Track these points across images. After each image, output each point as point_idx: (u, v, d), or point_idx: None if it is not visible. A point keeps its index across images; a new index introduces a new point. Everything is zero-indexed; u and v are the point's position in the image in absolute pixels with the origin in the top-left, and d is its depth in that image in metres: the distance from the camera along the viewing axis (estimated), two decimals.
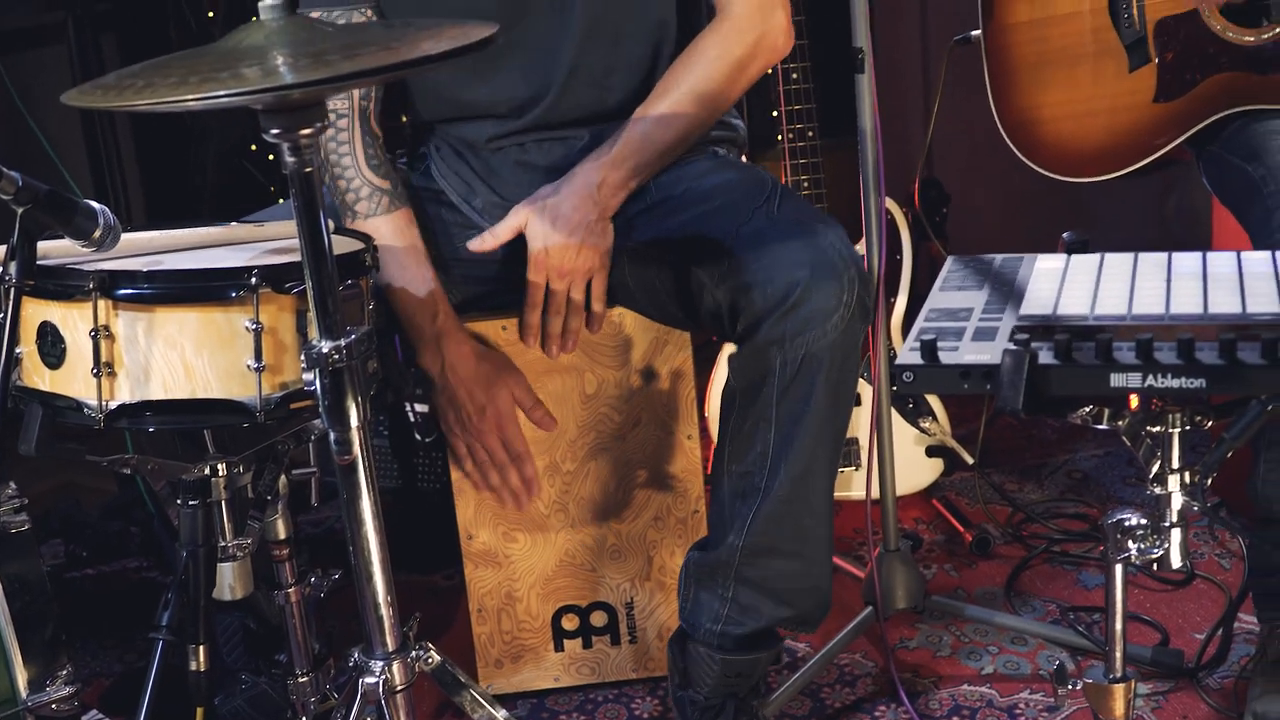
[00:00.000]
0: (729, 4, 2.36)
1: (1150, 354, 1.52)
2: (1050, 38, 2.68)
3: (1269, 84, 2.48)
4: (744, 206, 2.28)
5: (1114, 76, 2.63)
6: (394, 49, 1.51)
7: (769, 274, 2.14)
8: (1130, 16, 2.60)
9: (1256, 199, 2.38)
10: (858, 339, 2.19)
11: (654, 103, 2.34)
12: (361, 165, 2.35)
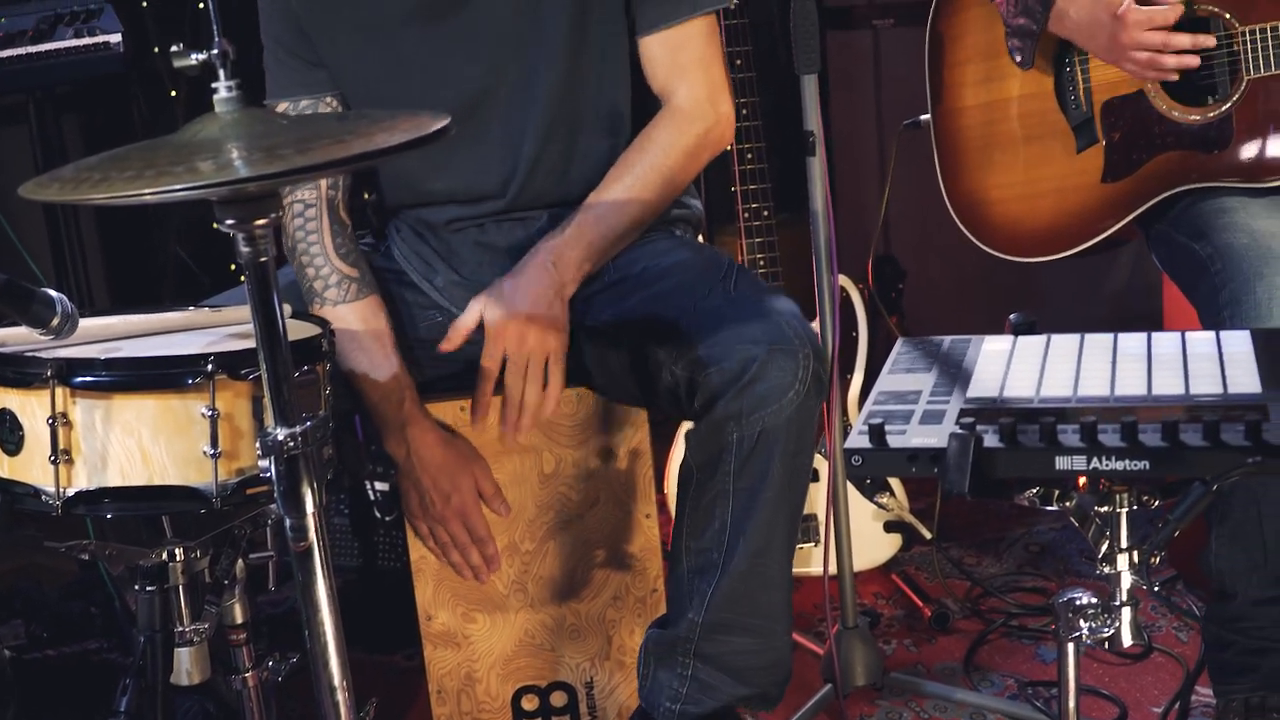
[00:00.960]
0: (677, 95, 2.42)
1: (1094, 437, 1.54)
2: (998, 120, 2.73)
3: (1215, 162, 2.52)
4: (700, 285, 2.31)
5: (1061, 158, 2.67)
6: (347, 142, 1.52)
7: (725, 351, 2.17)
8: (1076, 98, 2.65)
9: (1204, 277, 2.42)
10: (813, 415, 2.21)
11: (608, 189, 2.38)
12: (330, 253, 2.38)
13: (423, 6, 2.35)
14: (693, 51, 2.42)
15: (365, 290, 2.39)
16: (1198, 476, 1.57)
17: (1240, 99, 2.48)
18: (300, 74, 2.42)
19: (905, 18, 3.61)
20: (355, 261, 2.40)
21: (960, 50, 2.79)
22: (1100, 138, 2.64)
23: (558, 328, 2.31)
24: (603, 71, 2.41)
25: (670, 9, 2.39)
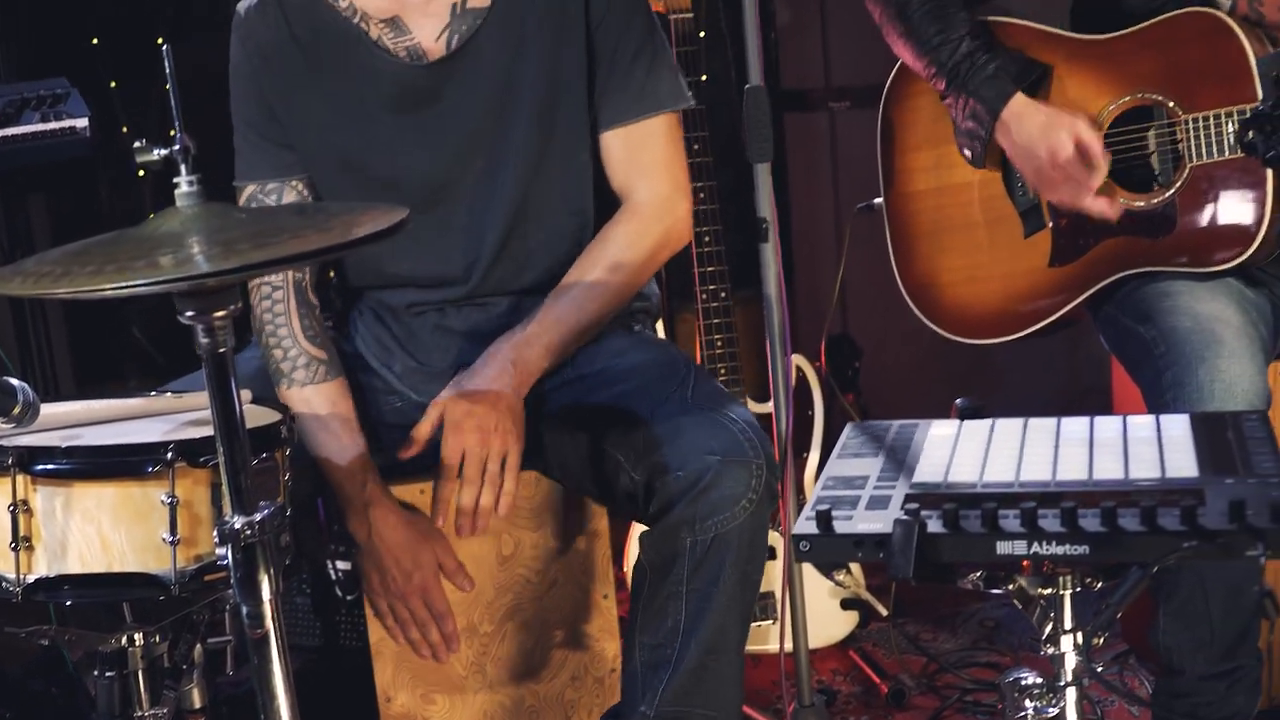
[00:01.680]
0: (638, 193, 2.46)
1: (1035, 522, 1.57)
2: (948, 206, 2.78)
3: (1159, 247, 2.57)
4: (659, 390, 2.35)
5: (1010, 242, 2.72)
6: (305, 237, 1.55)
7: (682, 459, 2.21)
8: (1024, 185, 2.70)
9: (1149, 360, 2.46)
10: (765, 523, 2.26)
11: (568, 285, 2.41)
12: (298, 336, 2.41)
13: (397, 98, 2.40)
14: (654, 149, 2.46)
15: (333, 373, 2.42)
16: (1136, 561, 1.61)
17: (1183, 186, 2.53)
18: (270, 156, 2.45)
19: (860, 100, 3.68)
20: (323, 344, 2.43)
21: (911, 136, 2.84)
22: (1047, 223, 2.69)
23: (515, 430, 2.32)
24: (566, 165, 2.45)
25: (633, 107, 2.43)
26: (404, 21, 2.39)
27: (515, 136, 2.41)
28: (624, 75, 2.42)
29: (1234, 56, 2.46)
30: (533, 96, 2.39)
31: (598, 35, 2.40)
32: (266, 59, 2.42)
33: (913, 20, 2.69)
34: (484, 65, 2.39)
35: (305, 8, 2.41)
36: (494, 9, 2.38)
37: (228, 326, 1.66)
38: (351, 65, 2.40)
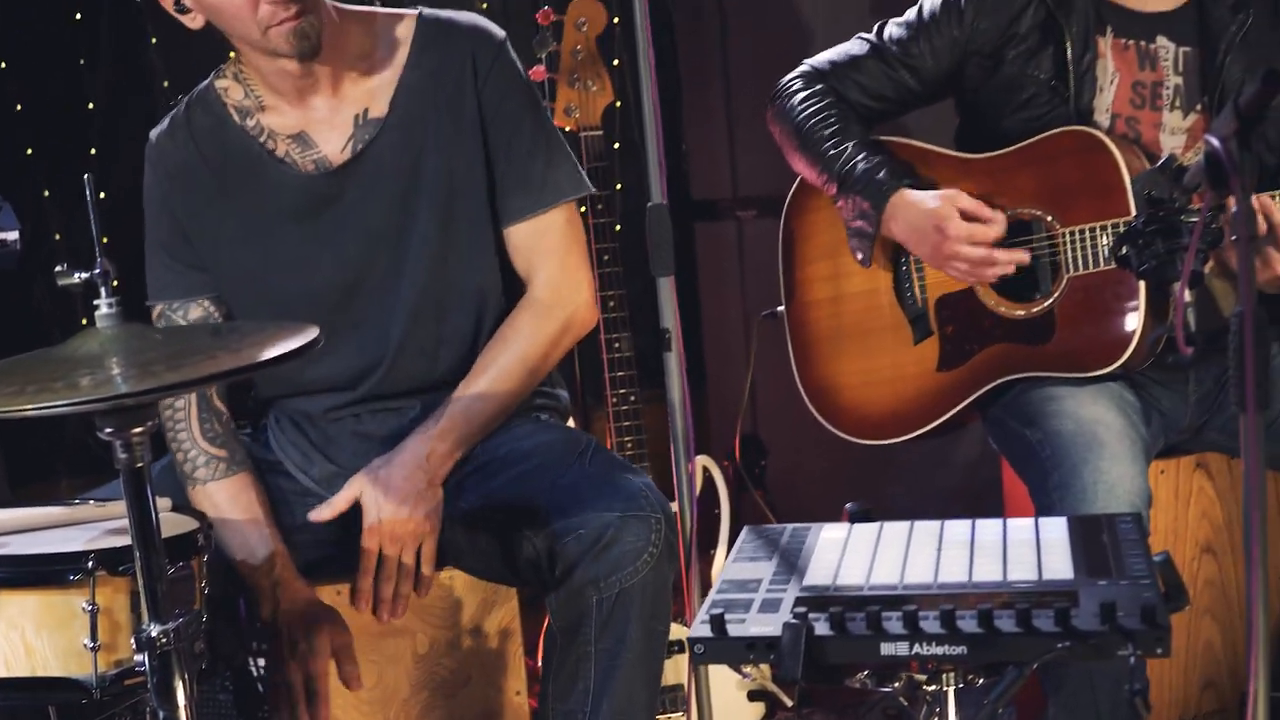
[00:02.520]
0: (538, 282, 2.49)
1: (916, 624, 1.60)
2: (843, 314, 2.83)
3: (1041, 354, 2.62)
4: (560, 463, 2.38)
5: (900, 349, 2.77)
6: (217, 358, 1.57)
7: (582, 520, 2.24)
8: (913, 294, 2.76)
9: (1034, 461, 2.51)
10: (667, 578, 2.28)
11: (475, 378, 2.44)
12: (197, 437, 2.43)
13: (297, 205, 2.43)
14: (553, 239, 2.50)
15: (235, 469, 2.43)
16: (1012, 660, 1.64)
17: (1062, 295, 2.59)
18: (179, 277, 2.47)
19: (766, 210, 3.72)
20: (224, 444, 2.44)
21: (810, 248, 2.89)
22: (934, 330, 2.74)
23: (430, 523, 2.37)
24: (469, 259, 2.48)
25: (533, 200, 2.48)
26: (310, 136, 2.43)
27: (417, 233, 2.44)
28: (522, 170, 2.46)
29: (1108, 173, 2.53)
30: (432, 194, 2.43)
31: (492, 133, 2.45)
32: (176, 181, 2.45)
33: (805, 135, 2.76)
34: (385, 167, 2.43)
35: (214, 130, 2.45)
36: (393, 114, 2.43)
37: (145, 442, 1.68)
38: (259, 182, 2.44)
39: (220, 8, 2.27)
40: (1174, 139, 2.64)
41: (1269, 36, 2.63)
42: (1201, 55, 2.63)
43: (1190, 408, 2.69)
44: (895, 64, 2.76)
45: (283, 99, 2.43)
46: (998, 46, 2.69)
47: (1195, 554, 2.77)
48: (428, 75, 2.43)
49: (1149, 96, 2.64)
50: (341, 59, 2.39)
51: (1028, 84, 2.67)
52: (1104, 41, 2.64)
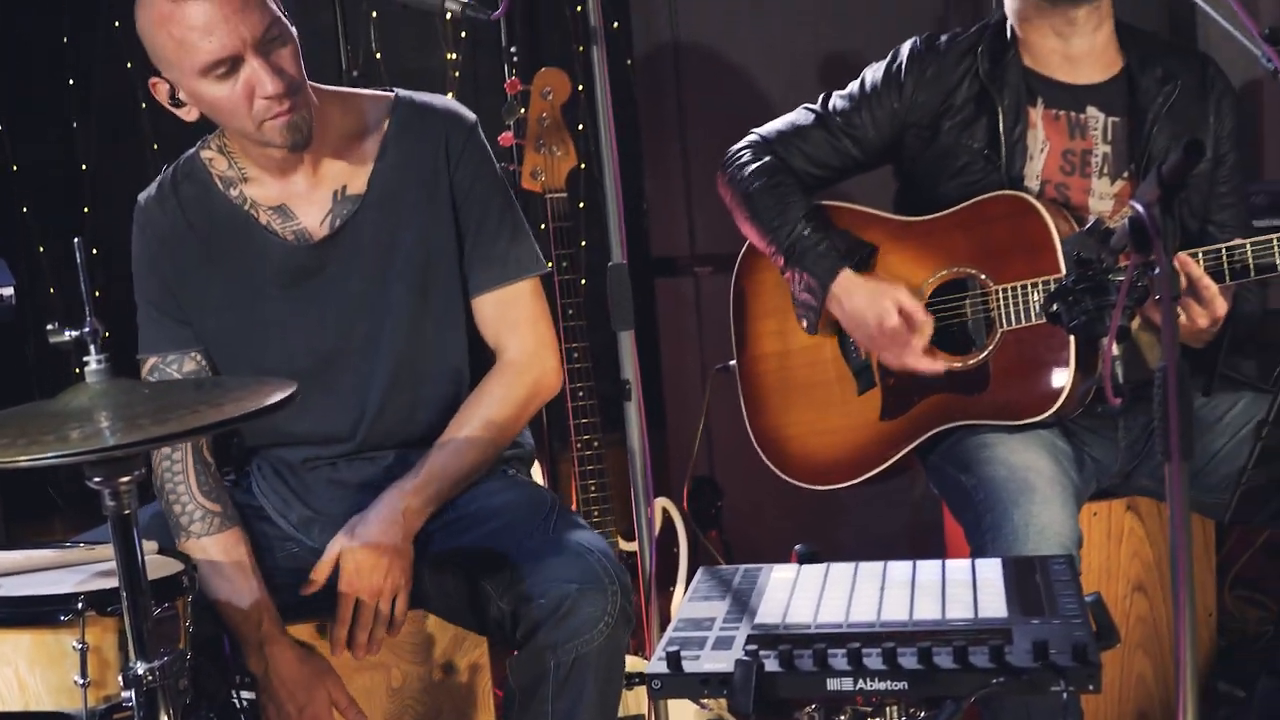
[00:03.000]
0: (508, 351, 2.51)
1: (860, 660, 1.62)
2: (791, 367, 2.84)
3: (976, 403, 2.64)
4: (524, 525, 2.39)
5: (845, 399, 2.79)
6: (201, 412, 1.58)
7: (544, 588, 2.24)
8: (856, 348, 2.77)
9: (969, 505, 2.52)
10: (622, 644, 2.29)
11: (448, 438, 2.45)
12: (195, 491, 2.41)
13: (282, 274, 2.44)
14: (521, 309, 2.52)
15: (228, 523, 2.42)
16: (950, 695, 1.65)
17: (995, 348, 2.61)
18: (169, 331, 2.47)
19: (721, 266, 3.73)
20: (218, 497, 2.43)
21: (759, 305, 2.91)
22: (877, 382, 2.76)
23: (403, 575, 2.37)
24: (442, 328, 2.49)
25: (499, 273, 2.49)
26: (291, 209, 2.44)
27: (394, 303, 2.45)
28: (489, 246, 2.48)
29: (1039, 234, 2.55)
30: (408, 267, 2.44)
31: (463, 212, 2.47)
32: (164, 245, 2.45)
33: (754, 205, 2.77)
34: (363, 242, 2.44)
35: (199, 198, 2.45)
36: (370, 192, 2.44)
37: (132, 491, 1.69)
38: (243, 248, 2.44)
39: (217, 104, 2.27)
40: (1102, 204, 2.66)
41: (1194, 108, 2.66)
42: (1130, 125, 2.66)
43: (1120, 454, 2.71)
44: (839, 134, 2.78)
45: (265, 172, 2.44)
46: (935, 118, 2.71)
47: (1127, 592, 2.78)
48: (404, 155, 2.45)
49: (1078, 164, 2.67)
50: (321, 138, 2.39)
51: (962, 153, 2.69)
52: (1035, 112, 2.67)
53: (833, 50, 3.59)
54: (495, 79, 4.23)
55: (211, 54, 2.20)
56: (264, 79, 2.23)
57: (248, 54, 2.22)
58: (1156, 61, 2.67)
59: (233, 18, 2.19)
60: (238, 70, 2.23)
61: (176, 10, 2.19)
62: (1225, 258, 2.39)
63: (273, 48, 2.25)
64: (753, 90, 3.67)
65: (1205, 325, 2.40)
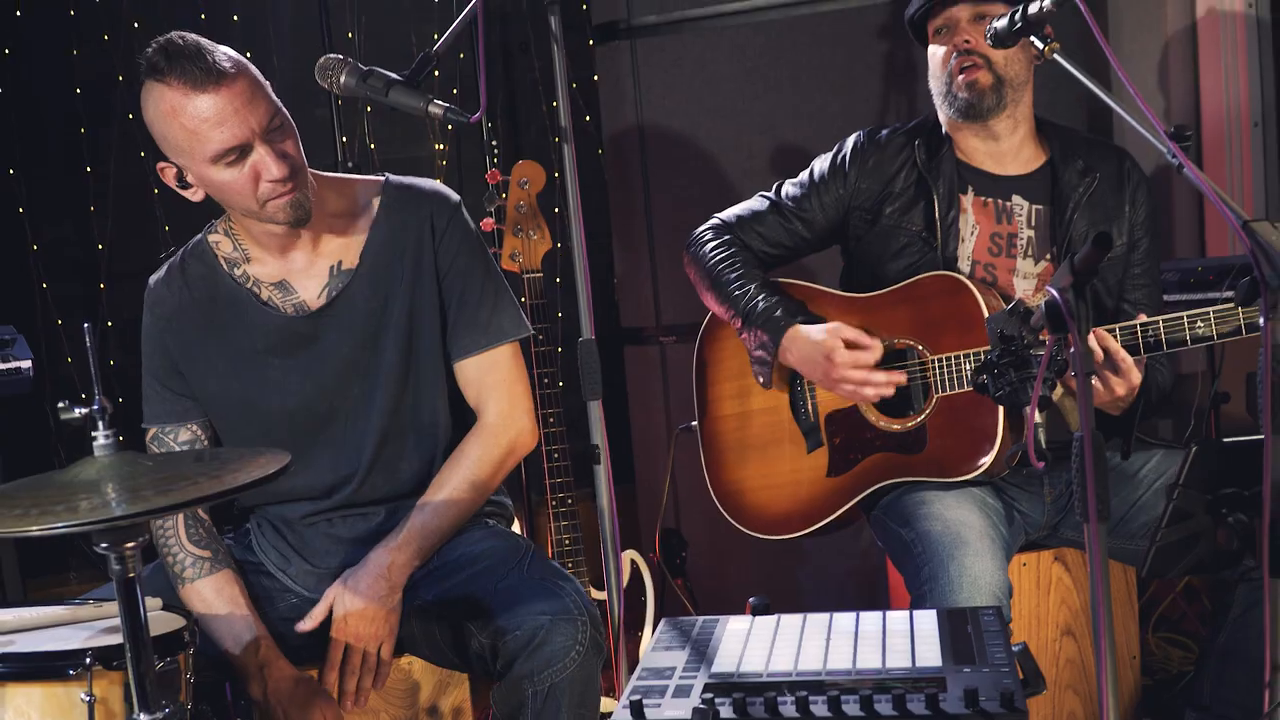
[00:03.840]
0: (487, 414, 2.51)
1: (807, 707, 1.62)
2: (747, 427, 2.85)
3: (914, 462, 2.66)
4: (502, 568, 2.40)
5: (796, 457, 2.79)
6: (200, 483, 1.57)
7: (519, 622, 2.25)
8: (806, 411, 2.78)
9: (909, 557, 2.53)
10: (594, 672, 2.28)
11: (431, 496, 2.45)
12: (184, 540, 2.42)
13: (281, 342, 2.44)
14: (500, 373, 2.52)
15: (218, 566, 2.43)
16: None
17: (932, 412, 2.63)
18: (172, 404, 2.48)
19: (685, 336, 3.76)
20: (208, 545, 2.44)
21: (720, 371, 2.92)
22: (825, 441, 2.77)
23: (390, 625, 2.39)
24: (426, 390, 2.50)
25: (480, 339, 2.50)
26: (290, 284, 2.45)
27: (384, 367, 2.46)
28: (472, 314, 2.49)
29: (969, 310, 2.58)
30: (397, 334, 2.45)
31: (446, 283, 2.48)
32: (172, 322, 2.46)
33: (715, 278, 2.80)
34: (356, 311, 2.45)
35: (205, 276, 2.46)
36: (362, 265, 2.45)
37: (136, 555, 1.68)
38: (245, 321, 2.44)
39: (225, 187, 2.29)
40: (1026, 282, 2.69)
41: (1112, 198, 2.71)
42: (1052, 212, 2.70)
43: (1046, 509, 2.72)
44: (791, 217, 2.82)
45: (267, 252, 2.45)
46: (877, 203, 2.75)
47: (1056, 636, 2.78)
48: (393, 232, 2.46)
49: (1005, 246, 2.70)
50: (319, 218, 2.41)
51: (902, 235, 2.72)
52: (966, 199, 2.71)
53: (784, 142, 3.63)
54: (479, 168, 4.26)
55: (223, 143, 2.22)
56: (270, 164, 2.25)
57: (256, 142, 2.24)
58: (1078, 155, 2.72)
59: (243, 109, 2.21)
60: (246, 157, 2.25)
61: (188, 103, 2.20)
62: (1140, 333, 2.41)
63: (276, 135, 2.27)
64: (711, 177, 3.70)
65: (1122, 394, 2.42)
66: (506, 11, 4.49)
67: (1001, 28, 2.43)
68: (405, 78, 2.10)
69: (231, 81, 2.21)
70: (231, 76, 2.21)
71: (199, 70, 2.19)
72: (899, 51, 3.53)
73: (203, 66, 2.19)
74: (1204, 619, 3.49)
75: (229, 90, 2.20)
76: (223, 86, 2.20)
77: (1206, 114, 3.77)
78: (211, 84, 2.19)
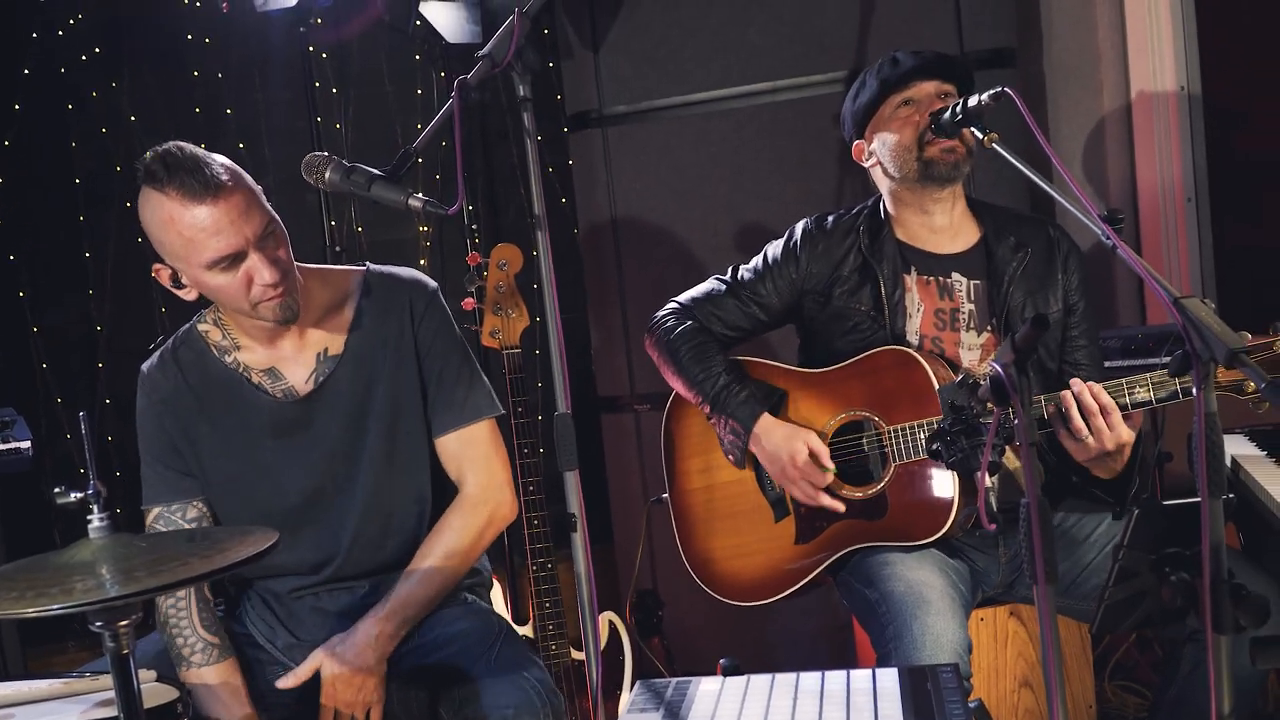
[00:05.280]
0: (467, 486, 2.52)
1: None
2: (716, 499, 2.86)
3: (876, 527, 2.66)
4: (474, 652, 2.40)
5: (764, 526, 2.79)
6: (191, 564, 1.57)
7: (487, 710, 2.26)
8: (772, 482, 2.79)
9: (874, 617, 2.52)
10: None
11: (415, 568, 2.46)
12: (197, 626, 2.40)
13: (270, 425, 2.45)
14: (478, 448, 2.53)
15: (225, 654, 2.40)
16: None
17: (890, 480, 2.64)
18: (171, 483, 2.46)
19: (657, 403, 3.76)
20: (216, 631, 2.41)
21: (686, 447, 2.93)
22: (791, 511, 2.78)
23: (377, 687, 2.38)
24: (409, 466, 2.50)
25: (459, 416, 2.51)
26: (280, 370, 2.45)
27: (368, 447, 2.46)
28: (450, 393, 2.50)
29: (920, 382, 2.60)
30: (380, 415, 2.46)
31: (426, 365, 2.49)
32: (167, 405, 2.45)
33: (681, 362, 2.81)
34: (341, 395, 2.45)
35: (196, 362, 2.46)
36: (347, 352, 2.46)
37: (130, 632, 1.66)
38: (237, 405, 2.44)
39: (218, 290, 2.30)
40: (971, 353, 2.72)
41: (1044, 268, 2.74)
42: (989, 287, 2.73)
43: (1002, 568, 2.73)
44: (747, 300, 2.84)
45: (256, 341, 2.45)
46: (827, 285, 2.78)
47: (1014, 687, 2.78)
48: (375, 319, 2.48)
49: (949, 320, 2.73)
50: (306, 309, 2.42)
51: (852, 314, 2.75)
52: (910, 278, 2.74)
53: (747, 221, 3.67)
54: (461, 250, 4.29)
55: (218, 251, 2.22)
56: (262, 270, 2.25)
57: (250, 250, 2.24)
58: (1010, 231, 2.76)
59: (238, 220, 2.21)
60: (239, 263, 2.25)
61: (185, 213, 2.20)
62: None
63: (269, 242, 2.27)
64: (680, 254, 3.73)
65: (1111, 448, 2.37)
66: (486, 103, 4.54)
67: (945, 120, 2.48)
68: (387, 173, 2.11)
69: (229, 194, 2.21)
70: (229, 189, 2.21)
71: (196, 182, 2.18)
72: None
73: (200, 179, 2.18)
74: (1156, 667, 3.49)
75: (225, 202, 2.20)
76: (220, 198, 2.20)
77: (1143, 190, 3.83)
78: (209, 196, 2.19)
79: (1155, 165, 3.79)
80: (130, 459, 2.66)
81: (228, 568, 1.57)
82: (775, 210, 3.62)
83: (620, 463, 3.98)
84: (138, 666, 1.73)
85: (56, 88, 4.18)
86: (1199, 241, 3.77)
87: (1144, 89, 3.80)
